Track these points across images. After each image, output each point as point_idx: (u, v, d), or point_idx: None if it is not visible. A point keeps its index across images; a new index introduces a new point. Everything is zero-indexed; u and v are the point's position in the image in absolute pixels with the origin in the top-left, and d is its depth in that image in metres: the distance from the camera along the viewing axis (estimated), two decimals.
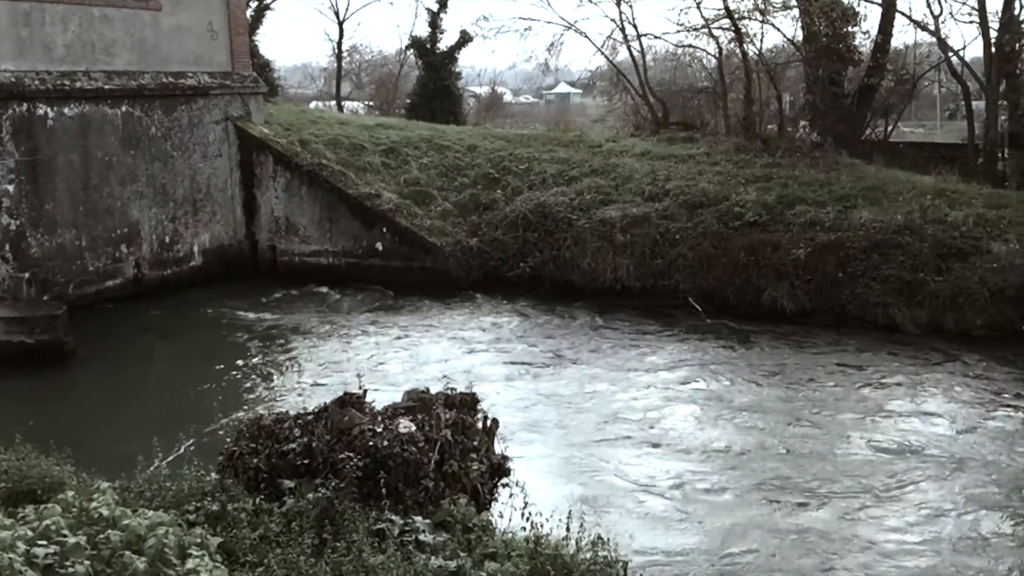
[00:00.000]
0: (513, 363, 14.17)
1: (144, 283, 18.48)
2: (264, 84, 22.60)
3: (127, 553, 5.20)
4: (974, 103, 23.32)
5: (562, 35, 40.72)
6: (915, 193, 17.56)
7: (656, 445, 10.89)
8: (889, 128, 25.27)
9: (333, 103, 37.23)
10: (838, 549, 8.40)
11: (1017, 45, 21.22)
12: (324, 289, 18.85)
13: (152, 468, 7.46)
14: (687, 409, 12.06)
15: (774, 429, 11.37)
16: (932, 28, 23.26)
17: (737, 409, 12.06)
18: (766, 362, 13.99)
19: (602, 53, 28.40)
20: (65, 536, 5.17)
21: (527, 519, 6.69)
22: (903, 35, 42.01)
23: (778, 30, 26.93)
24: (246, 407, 11.85)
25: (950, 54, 23.54)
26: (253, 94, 20.96)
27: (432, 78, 32.85)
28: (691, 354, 14.45)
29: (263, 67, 29.44)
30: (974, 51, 30.65)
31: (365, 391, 8.06)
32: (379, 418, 7.63)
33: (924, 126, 32.34)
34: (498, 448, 8.19)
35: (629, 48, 27.04)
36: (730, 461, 10.41)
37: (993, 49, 21.13)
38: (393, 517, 6.46)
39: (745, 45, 24.10)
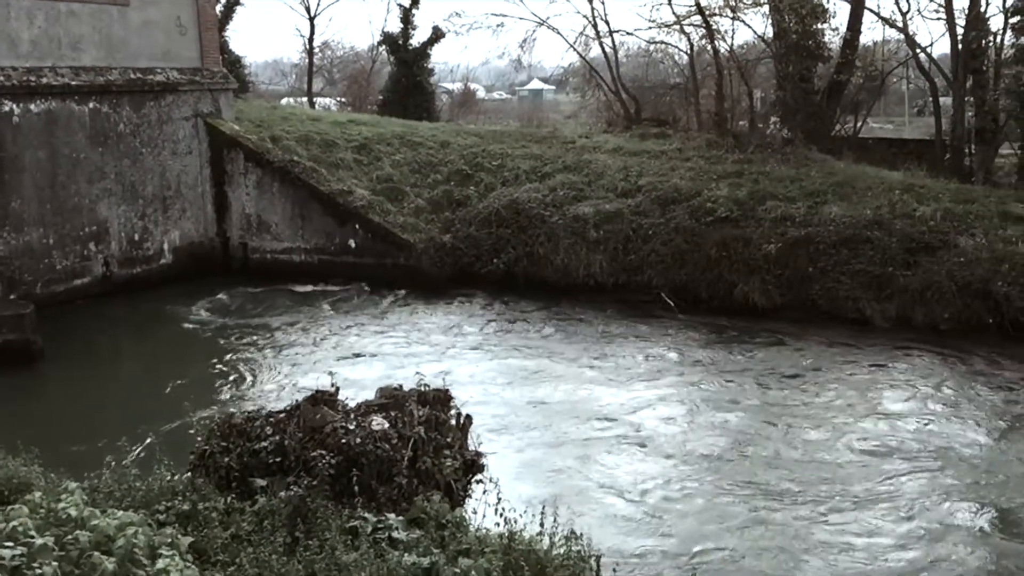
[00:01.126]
0: (486, 360, 14.17)
1: (113, 281, 18.27)
2: (234, 80, 22.39)
3: (96, 554, 5.14)
4: (941, 99, 23.60)
5: (534, 31, 40.96)
6: (884, 188, 17.76)
7: (628, 441, 10.93)
8: (858, 124, 25.53)
9: (305, 100, 37.00)
10: (809, 545, 8.48)
11: (983, 42, 21.50)
12: (296, 287, 18.73)
13: (122, 468, 7.38)
14: (659, 405, 12.10)
15: (746, 425, 11.46)
16: (900, 25, 23.56)
17: (710, 405, 12.13)
18: (738, 357, 14.08)
19: (574, 49, 28.49)
20: (32, 537, 5.10)
21: (501, 515, 6.69)
22: (872, 32, 42.65)
23: (749, 27, 27.18)
24: (216, 406, 11.75)
25: (918, 51, 23.84)
26: (223, 90, 20.76)
27: (404, 74, 32.73)
28: (664, 350, 14.51)
29: (233, 63, 29.18)
30: (941, 48, 30.98)
31: (337, 388, 8.02)
32: (352, 415, 7.60)
33: (893, 122, 32.62)
34: (471, 444, 8.18)
35: (601, 44, 27.15)
36: (703, 459, 10.45)
37: (959, 46, 21.40)
38: (366, 515, 6.44)
39: (716, 42, 24.27)
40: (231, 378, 13.39)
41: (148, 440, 9.46)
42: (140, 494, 6.54)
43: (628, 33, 33.81)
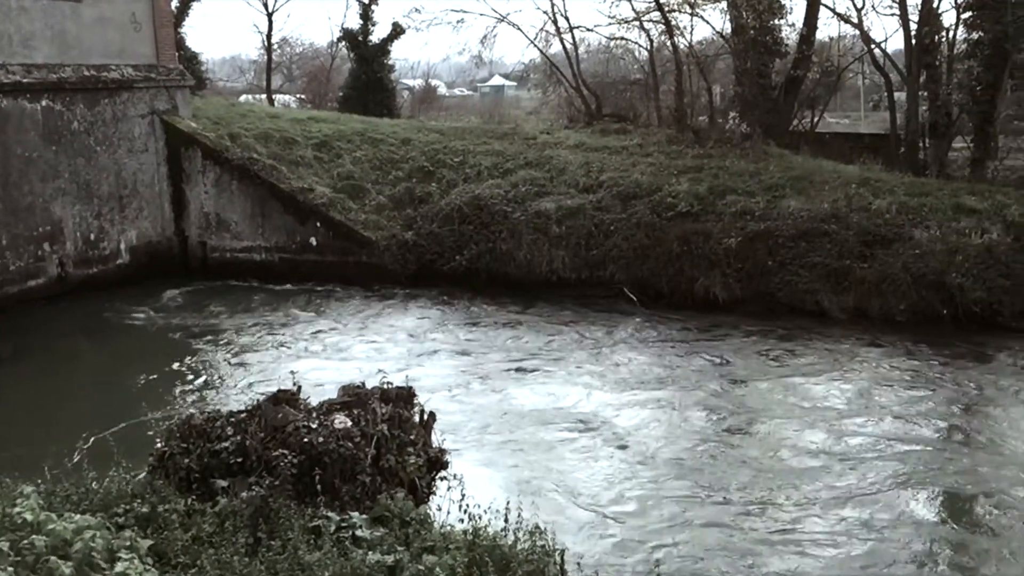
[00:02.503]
0: (448, 357, 14.15)
1: (69, 282, 17.96)
2: (191, 77, 22.12)
3: (52, 559, 5.06)
4: (896, 94, 23.98)
5: (495, 27, 40.94)
6: (841, 182, 18.01)
7: (590, 438, 10.95)
8: (815, 119, 25.85)
9: (263, 96, 36.62)
10: (768, 544, 8.55)
11: (936, 37, 21.88)
12: (257, 285, 18.56)
13: (79, 471, 7.25)
14: (622, 402, 12.14)
15: (709, 421, 11.56)
16: (855, 21, 23.92)
17: (673, 401, 12.22)
18: (699, 352, 14.19)
19: (535, 45, 28.53)
20: None
21: (465, 511, 6.69)
22: (827, 28, 43.27)
23: (707, 23, 27.65)
24: (176, 407, 11.61)
25: (872, 46, 24.19)
26: (179, 87, 20.49)
27: (364, 71, 32.54)
28: (626, 346, 14.59)
29: (190, 60, 28.81)
30: (896, 43, 31.58)
31: (299, 387, 7.97)
32: (314, 414, 7.55)
33: (849, 117, 33.11)
34: (435, 441, 8.16)
35: (562, 40, 27.23)
36: (668, 457, 10.52)
37: (913, 41, 21.76)
38: (329, 514, 6.41)
39: (675, 38, 24.43)
40: (190, 379, 13.23)
41: (105, 442, 9.30)
42: (98, 497, 6.44)
43: (588, 29, 33.82)
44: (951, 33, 21.94)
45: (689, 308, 16.26)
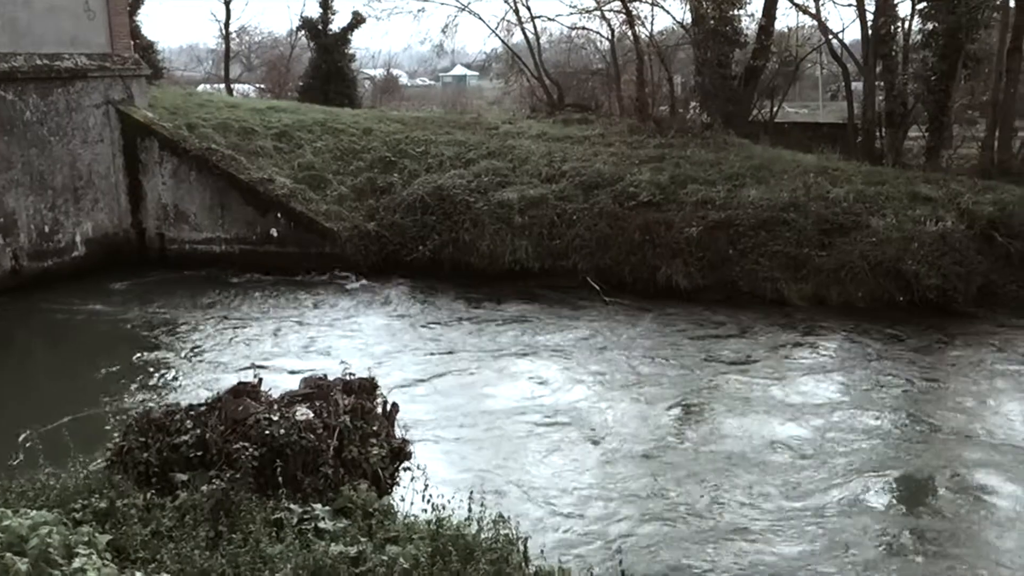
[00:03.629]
0: (411, 347, 14.11)
1: (23, 275, 17.59)
2: (147, 66, 21.73)
3: (8, 555, 4.98)
4: (853, 84, 24.29)
5: (456, 16, 40.64)
6: (799, 171, 18.23)
7: (554, 426, 10.99)
8: (775, 108, 26.13)
9: (222, 86, 36.13)
10: (729, 532, 8.65)
11: (892, 27, 22.18)
12: (216, 277, 18.33)
13: (35, 466, 7.13)
14: (586, 391, 12.20)
15: (671, 409, 11.63)
16: (813, 11, 24.17)
17: (636, 390, 12.31)
18: (660, 341, 14.30)
19: (496, 35, 28.51)
20: None
21: (428, 502, 6.70)
22: (786, 18, 43.77)
23: (668, 13, 27.69)
24: (134, 401, 11.45)
25: (830, 36, 24.45)
26: (135, 76, 20.13)
27: (325, 60, 32.22)
28: (590, 334, 14.65)
29: (146, 49, 28.33)
30: (853, 33, 31.97)
31: (260, 379, 7.90)
32: (275, 406, 7.48)
33: (808, 106, 33.51)
34: (398, 432, 8.14)
35: (523, 30, 27.21)
36: (627, 444, 10.60)
37: (869, 31, 22.04)
38: (291, 506, 6.37)
39: (636, 27, 24.52)
40: (147, 372, 13.05)
41: (63, 438, 9.15)
42: (54, 493, 6.34)
43: (550, 19, 34.03)
44: (907, 23, 22.29)
45: (651, 297, 16.36)
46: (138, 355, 13.75)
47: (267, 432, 6.97)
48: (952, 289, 15.18)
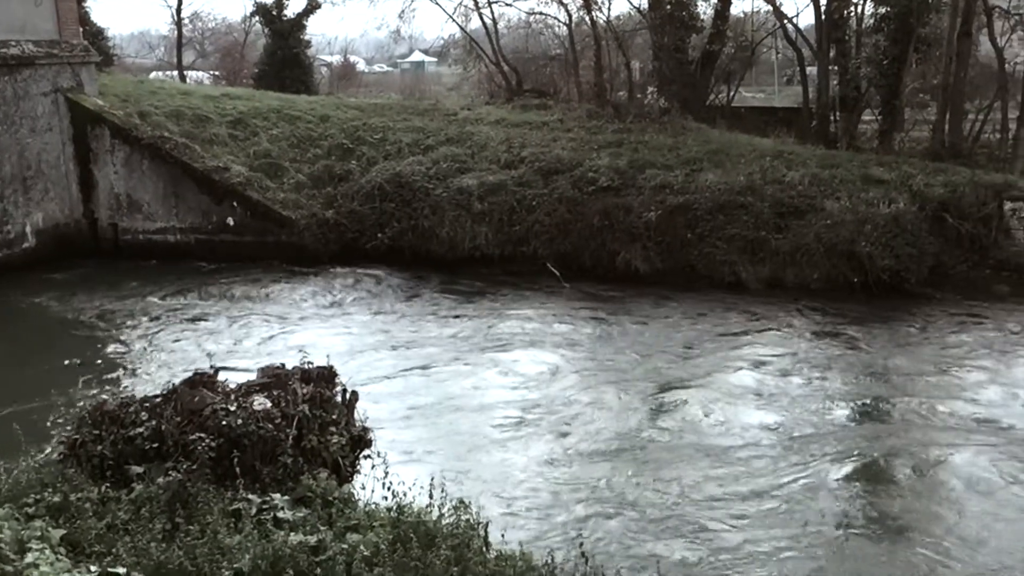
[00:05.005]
0: (371, 336, 14.05)
1: None
2: (97, 53, 21.29)
3: None
4: (808, 68, 24.54)
5: (413, 2, 40.26)
6: (756, 155, 18.38)
7: (515, 414, 11.00)
8: (731, 93, 26.32)
9: (175, 73, 35.50)
10: (690, 522, 8.73)
11: (845, 12, 22.45)
12: (171, 267, 18.06)
13: None
14: (547, 377, 12.22)
15: (634, 395, 11.69)
16: None
17: (595, 375, 12.37)
18: (618, 327, 14.37)
19: (454, 20, 28.33)
20: None
21: (389, 489, 6.69)
22: (741, 3, 44.14)
23: None
24: (87, 393, 11.23)
25: (785, 21, 24.67)
26: (84, 64, 19.70)
27: (280, 46, 31.78)
28: (551, 319, 14.69)
29: (95, 35, 27.74)
30: (807, 18, 32.26)
31: (217, 370, 7.82)
32: (232, 396, 7.43)
33: (764, 91, 33.76)
34: (358, 420, 8.11)
35: (481, 15, 27.04)
36: (588, 426, 10.66)
37: (823, 16, 22.27)
38: (250, 496, 6.34)
39: (594, 13, 24.52)
40: (99, 364, 12.84)
41: (13, 433, 8.99)
42: (6, 487, 6.24)
43: (507, 4, 33.78)
44: (859, 8, 22.56)
45: (611, 282, 16.44)
46: (89, 347, 13.52)
47: (224, 422, 6.91)
48: (905, 270, 15.44)
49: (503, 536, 6.48)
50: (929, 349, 13.06)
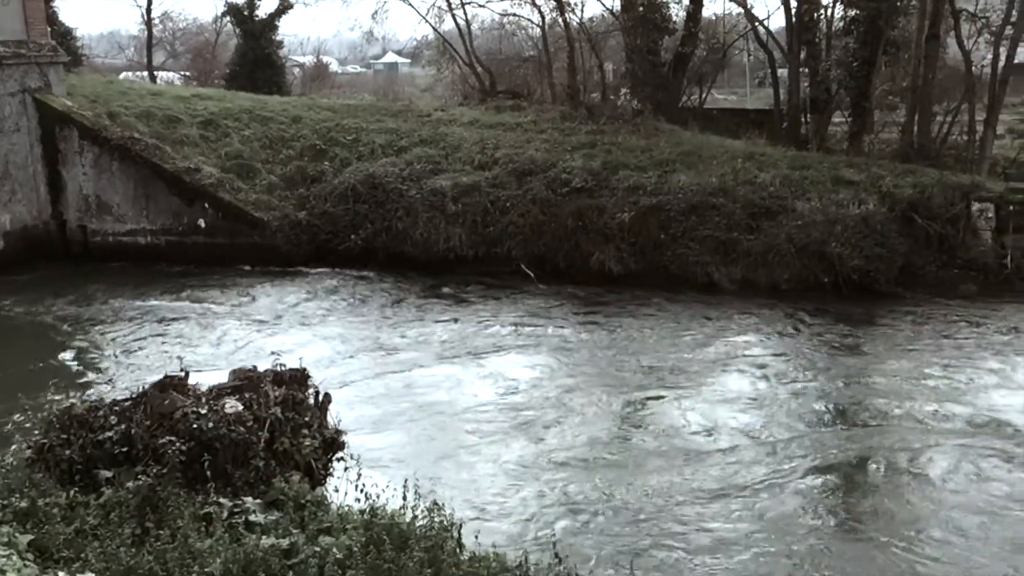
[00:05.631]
0: (343, 338, 13.98)
1: None
2: (65, 53, 21.06)
3: None
4: (779, 70, 24.74)
5: (386, 2, 40.09)
6: (728, 157, 18.51)
7: (492, 420, 10.97)
8: (704, 95, 26.47)
9: (145, 74, 35.16)
10: (659, 523, 8.73)
11: (815, 15, 22.65)
12: (141, 269, 17.87)
13: None
14: (522, 379, 12.21)
15: (607, 394, 11.70)
16: None
17: (567, 372, 12.41)
18: (596, 326, 14.41)
19: (427, 21, 28.30)
20: None
21: (362, 491, 6.65)
22: (713, 5, 44.54)
23: (598, 0, 27.62)
24: (55, 398, 11.09)
25: (756, 24, 24.85)
26: (52, 64, 19.46)
27: (252, 47, 31.53)
28: (523, 321, 14.69)
29: (64, 35, 27.36)
30: (778, 21, 32.53)
31: (187, 373, 7.75)
32: (203, 399, 7.36)
33: (736, 93, 34.03)
34: (331, 422, 8.07)
35: (454, 16, 27.05)
36: (562, 427, 10.69)
37: (794, 19, 22.47)
38: (221, 500, 6.28)
39: (567, 14, 24.57)
40: (67, 368, 12.70)
41: None
42: None
43: (480, 5, 33.80)
44: (829, 11, 22.76)
45: (585, 282, 16.47)
46: (57, 351, 13.35)
47: (195, 426, 6.85)
48: (874, 270, 15.60)
49: (476, 538, 6.47)
50: (897, 349, 13.18)
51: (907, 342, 13.44)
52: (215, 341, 13.80)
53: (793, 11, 22.42)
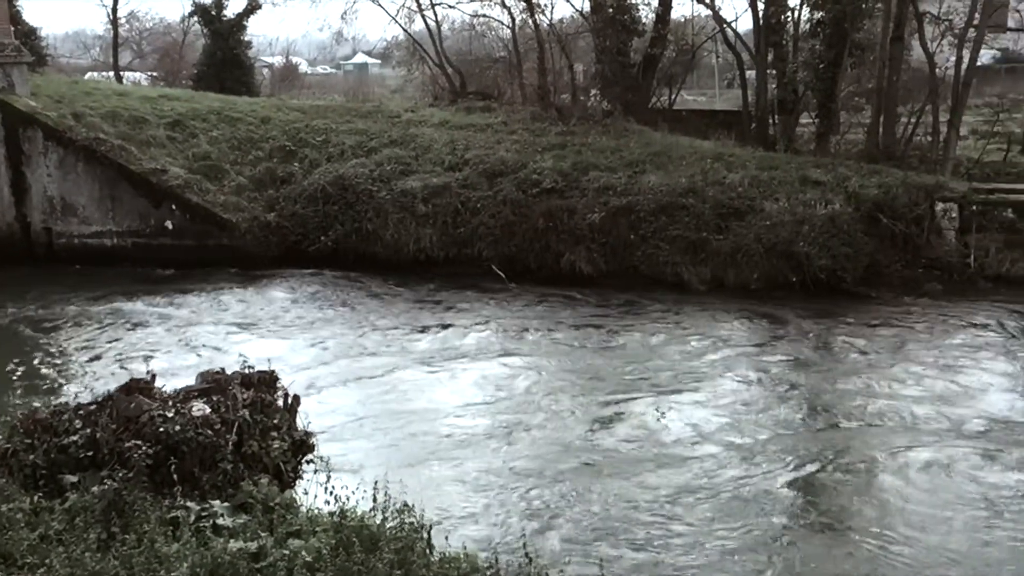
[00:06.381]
0: (310, 339, 13.91)
1: None
2: (29, 53, 20.80)
3: None
4: (748, 72, 24.91)
5: (355, 3, 39.88)
6: (697, 157, 18.64)
7: (462, 423, 10.93)
8: (673, 96, 26.60)
9: (111, 74, 34.71)
10: (627, 515, 8.81)
11: (782, 17, 22.85)
12: (107, 271, 17.64)
13: None
14: (491, 379, 12.25)
15: (579, 396, 11.74)
16: (707, 1, 24.63)
17: (537, 374, 12.43)
18: (566, 324, 14.44)
19: (397, 22, 28.11)
20: None
21: (331, 493, 6.62)
22: (682, 7, 44.77)
23: (568, 1, 27.72)
24: (19, 401, 10.92)
25: (724, 26, 25.01)
26: (16, 64, 19.19)
27: (220, 47, 31.24)
28: (494, 322, 14.69)
29: (27, 35, 26.97)
30: (746, 23, 32.77)
31: (154, 376, 7.67)
32: (170, 402, 7.28)
33: (705, 94, 34.22)
34: (301, 424, 8.01)
35: (424, 17, 26.95)
36: (529, 426, 10.70)
37: (761, 21, 22.65)
38: (188, 504, 6.23)
39: (537, 15, 24.57)
40: (32, 372, 12.47)
41: None
42: None
43: (451, 6, 33.69)
44: (796, 13, 22.96)
45: (556, 283, 16.52)
46: (20, 355, 13.11)
47: (161, 429, 6.78)
48: (841, 269, 15.78)
49: (447, 539, 6.46)
50: (864, 347, 13.33)
51: (871, 341, 13.58)
52: (182, 344, 13.66)
53: (760, 13, 22.59)
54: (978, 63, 21.64)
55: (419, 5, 26.69)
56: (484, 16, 27.07)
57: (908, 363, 12.61)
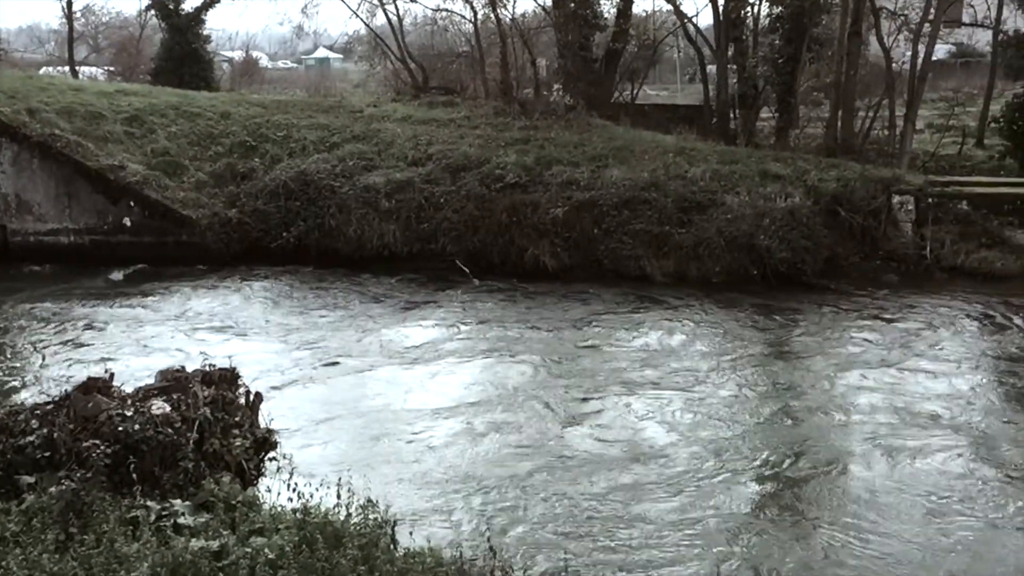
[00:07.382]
0: (276, 337, 13.80)
1: None
2: None
3: None
4: (709, 67, 25.13)
5: None
6: (659, 152, 18.77)
7: (423, 412, 10.96)
8: (635, 91, 26.77)
9: (66, 69, 34.11)
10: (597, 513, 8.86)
11: (742, 12, 23.07)
12: (63, 270, 17.34)
13: None
14: (456, 375, 12.22)
15: (544, 393, 11.70)
16: None
17: (504, 368, 12.45)
18: (532, 319, 14.47)
19: (358, 16, 27.97)
20: None
21: (294, 491, 6.58)
22: (644, 2, 45.08)
23: None
24: None
25: (685, 21, 25.20)
26: None
27: (178, 41, 30.82)
28: (458, 318, 14.68)
29: None
30: (707, 18, 33.04)
31: (112, 375, 7.57)
32: (129, 401, 7.19)
33: (667, 89, 34.50)
34: (263, 422, 7.96)
35: (385, 11, 26.86)
36: (495, 423, 10.70)
37: (721, 16, 22.85)
38: (148, 503, 6.16)
39: (499, 10, 24.59)
40: None
41: None
42: None
43: (412, 1, 33.64)
44: (756, 8, 23.21)
45: (520, 278, 16.53)
46: None
47: (120, 428, 6.70)
48: (801, 262, 15.98)
49: (411, 535, 6.46)
50: (822, 339, 13.52)
51: (829, 332, 13.77)
52: (140, 343, 13.46)
53: (721, 9, 22.80)
54: (933, 58, 22.04)
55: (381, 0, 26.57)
56: (446, 11, 27.06)
57: (865, 353, 12.79)
